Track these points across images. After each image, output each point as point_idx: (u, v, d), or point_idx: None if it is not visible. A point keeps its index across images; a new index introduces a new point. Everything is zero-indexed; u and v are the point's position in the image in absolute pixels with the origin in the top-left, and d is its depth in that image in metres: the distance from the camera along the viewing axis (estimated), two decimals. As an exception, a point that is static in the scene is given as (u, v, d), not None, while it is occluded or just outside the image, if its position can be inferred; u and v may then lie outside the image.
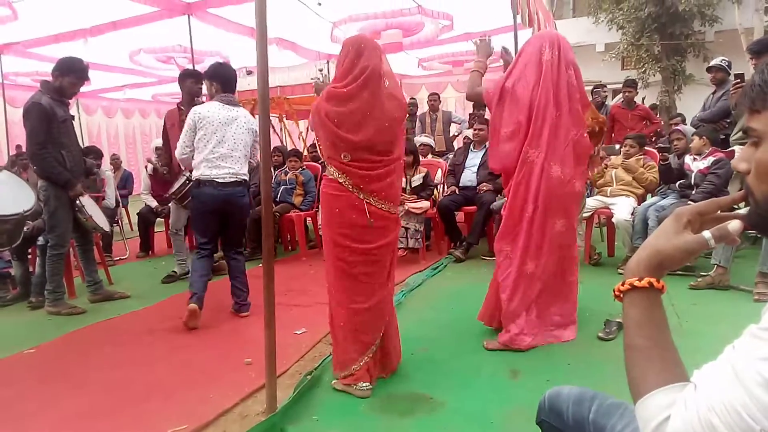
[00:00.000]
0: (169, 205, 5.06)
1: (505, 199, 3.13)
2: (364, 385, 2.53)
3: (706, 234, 0.84)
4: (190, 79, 4.52)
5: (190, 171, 3.98)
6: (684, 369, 0.82)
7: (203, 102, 4.10)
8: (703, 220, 0.88)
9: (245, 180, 3.73)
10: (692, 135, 4.56)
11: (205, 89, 4.03)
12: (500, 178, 3.70)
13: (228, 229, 3.77)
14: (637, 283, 0.86)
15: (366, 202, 2.48)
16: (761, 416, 0.65)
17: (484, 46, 3.27)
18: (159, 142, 5.68)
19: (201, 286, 3.59)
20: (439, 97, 7.85)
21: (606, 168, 4.97)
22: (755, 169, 0.78)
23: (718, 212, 0.88)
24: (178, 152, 3.66)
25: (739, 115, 4.59)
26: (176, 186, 4.44)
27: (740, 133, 4.58)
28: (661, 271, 0.86)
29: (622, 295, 0.88)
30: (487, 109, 3.10)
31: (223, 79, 3.74)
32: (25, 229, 4.08)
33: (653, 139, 6.65)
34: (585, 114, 3.04)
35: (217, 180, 3.57)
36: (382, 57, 2.55)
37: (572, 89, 2.91)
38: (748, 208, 0.82)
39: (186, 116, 4.39)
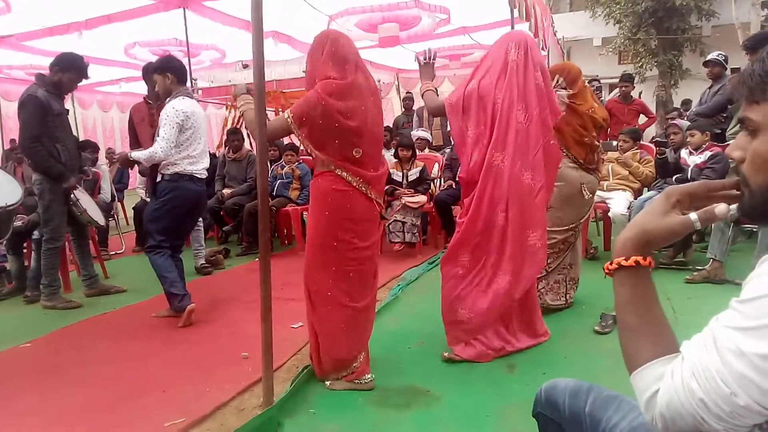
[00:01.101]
0: None
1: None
2: (368, 377, 2.54)
3: (693, 216, 0.86)
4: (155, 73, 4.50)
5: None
6: (675, 341, 0.84)
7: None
8: (692, 202, 0.89)
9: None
10: (689, 129, 4.55)
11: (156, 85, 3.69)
12: None
13: (189, 225, 3.78)
14: (624, 262, 0.88)
15: (371, 197, 2.47)
16: (733, 382, 0.68)
17: (428, 69, 3.08)
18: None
19: (183, 285, 3.54)
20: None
21: (602, 162, 4.96)
22: (752, 160, 0.78)
23: (709, 195, 0.89)
24: (165, 152, 3.40)
25: (736, 109, 4.60)
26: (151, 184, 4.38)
27: (737, 127, 4.59)
28: (647, 249, 0.88)
29: (612, 273, 0.90)
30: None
31: (178, 72, 3.57)
32: (17, 223, 4.06)
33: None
34: (553, 121, 2.87)
35: (196, 175, 3.59)
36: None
37: (541, 93, 2.73)
38: (742, 197, 0.83)
39: (156, 111, 4.36)
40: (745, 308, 0.70)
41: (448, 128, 7.52)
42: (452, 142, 7.11)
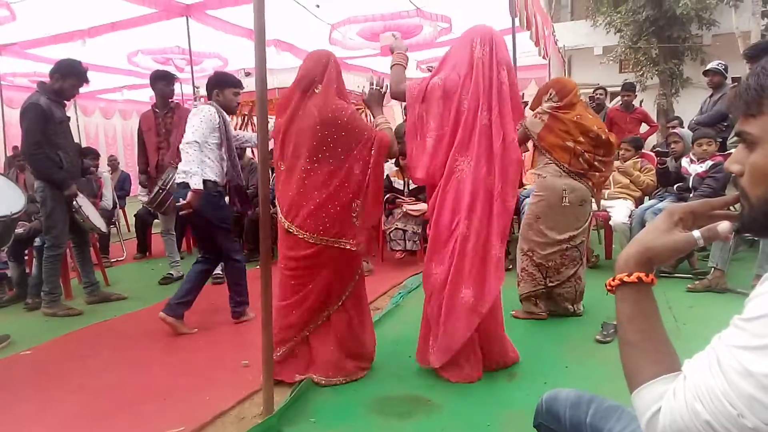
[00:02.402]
0: None
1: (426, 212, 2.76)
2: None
3: (696, 233, 0.86)
4: (161, 82, 4.53)
5: (163, 180, 3.99)
6: (677, 359, 0.83)
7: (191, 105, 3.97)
8: (694, 220, 0.89)
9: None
10: (696, 139, 4.49)
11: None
12: None
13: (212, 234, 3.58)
14: (626, 278, 0.87)
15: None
16: (740, 403, 0.66)
17: (397, 42, 2.93)
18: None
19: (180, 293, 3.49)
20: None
21: (602, 173, 4.97)
22: (750, 173, 0.79)
23: (711, 212, 0.90)
24: (193, 140, 3.33)
25: (735, 119, 4.60)
26: (152, 194, 4.40)
27: (736, 138, 4.60)
28: (650, 266, 0.88)
29: (614, 289, 0.90)
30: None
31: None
32: (19, 230, 4.06)
33: None
34: (517, 123, 2.74)
35: (218, 182, 3.52)
36: None
37: (504, 92, 2.56)
38: (742, 210, 0.83)
39: (162, 119, 4.42)
40: (751, 326, 0.68)
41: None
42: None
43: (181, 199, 3.32)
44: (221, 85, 3.58)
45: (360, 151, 2.59)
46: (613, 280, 0.89)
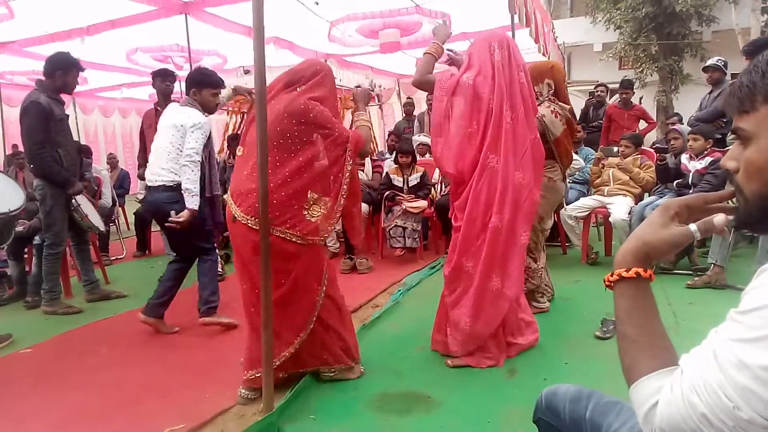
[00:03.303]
0: None
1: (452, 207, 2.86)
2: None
3: (692, 227, 0.87)
4: (158, 78, 4.54)
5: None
6: (674, 354, 0.84)
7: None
8: (690, 214, 0.90)
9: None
10: (689, 134, 4.55)
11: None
12: None
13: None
14: (624, 274, 0.88)
15: None
16: (736, 395, 0.67)
17: (443, 28, 2.99)
18: None
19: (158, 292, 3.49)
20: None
21: (603, 168, 4.98)
22: (744, 168, 0.80)
23: (706, 206, 0.91)
24: (197, 159, 3.30)
25: (732, 116, 4.61)
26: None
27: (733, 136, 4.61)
28: (647, 261, 0.89)
29: (612, 285, 0.91)
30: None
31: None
32: (19, 228, 4.06)
33: None
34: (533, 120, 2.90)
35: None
36: None
37: (524, 92, 2.74)
38: (737, 206, 0.84)
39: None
40: (746, 319, 0.69)
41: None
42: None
43: (173, 213, 3.25)
44: (199, 84, 3.41)
45: (330, 147, 2.52)
46: (612, 276, 0.90)
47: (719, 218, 0.86)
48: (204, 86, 3.41)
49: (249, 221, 2.40)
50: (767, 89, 0.75)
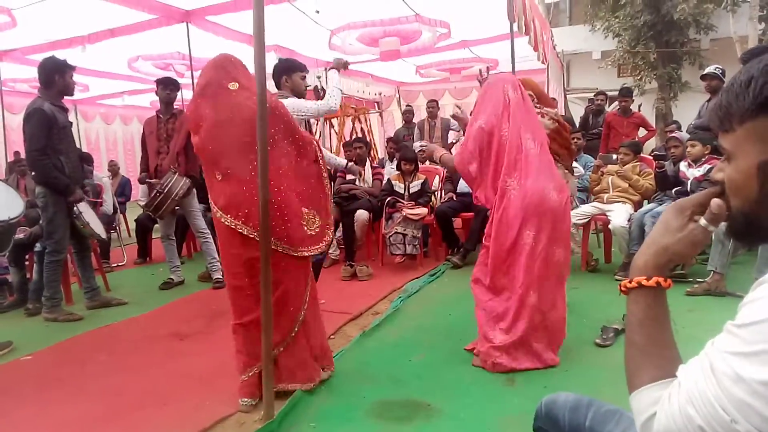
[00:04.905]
0: None
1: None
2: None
3: (702, 222, 0.86)
4: (160, 86, 4.62)
5: (162, 184, 4.21)
6: (679, 365, 0.83)
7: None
8: (702, 213, 0.89)
9: None
10: (688, 141, 4.57)
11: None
12: None
13: None
14: (645, 282, 0.88)
15: None
16: (732, 408, 0.67)
17: (431, 147, 3.40)
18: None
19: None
20: (437, 104, 7.87)
21: (602, 175, 5.00)
22: (727, 185, 0.81)
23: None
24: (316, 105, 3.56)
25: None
26: (150, 197, 4.42)
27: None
28: (667, 268, 0.88)
29: (628, 291, 0.90)
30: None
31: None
32: (19, 235, 4.07)
33: None
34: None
35: None
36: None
37: (538, 121, 3.02)
38: (727, 217, 0.85)
39: (164, 124, 4.55)
40: (744, 333, 0.69)
41: (449, 140, 7.61)
42: (451, 154, 7.16)
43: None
44: (289, 70, 3.62)
45: (306, 149, 2.59)
46: (630, 282, 0.89)
47: (714, 202, 0.85)
48: (293, 71, 3.60)
49: (247, 230, 2.44)
50: (741, 111, 0.76)
